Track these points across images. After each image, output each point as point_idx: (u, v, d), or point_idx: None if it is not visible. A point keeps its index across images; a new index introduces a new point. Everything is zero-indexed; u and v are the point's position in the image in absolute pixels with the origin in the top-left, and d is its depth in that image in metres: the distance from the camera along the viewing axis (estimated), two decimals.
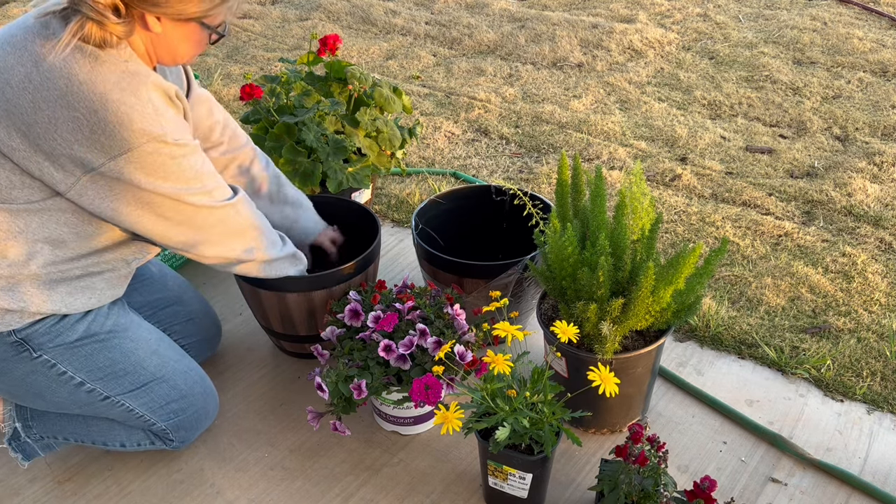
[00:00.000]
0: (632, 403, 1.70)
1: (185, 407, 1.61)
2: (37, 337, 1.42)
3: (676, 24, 4.09)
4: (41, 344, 1.43)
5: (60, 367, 1.46)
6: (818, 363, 1.92)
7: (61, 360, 1.46)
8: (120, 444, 1.65)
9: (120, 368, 1.52)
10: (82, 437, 1.64)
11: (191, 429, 1.65)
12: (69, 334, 1.45)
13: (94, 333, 1.48)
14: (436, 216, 2.06)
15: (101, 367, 1.50)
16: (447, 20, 4.24)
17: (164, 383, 1.57)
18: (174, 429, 1.61)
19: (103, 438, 1.64)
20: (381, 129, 2.19)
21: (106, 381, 1.51)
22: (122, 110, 1.24)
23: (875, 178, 2.70)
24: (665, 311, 1.53)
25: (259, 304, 1.83)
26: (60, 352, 1.45)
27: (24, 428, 1.62)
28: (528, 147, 3.02)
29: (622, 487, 1.40)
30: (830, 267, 2.28)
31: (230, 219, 1.47)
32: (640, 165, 1.63)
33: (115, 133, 1.25)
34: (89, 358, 1.48)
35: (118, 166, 1.27)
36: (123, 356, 1.52)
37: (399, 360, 1.56)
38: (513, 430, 1.36)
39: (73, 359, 1.47)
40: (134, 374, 1.53)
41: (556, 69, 3.67)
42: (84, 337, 1.47)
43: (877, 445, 1.71)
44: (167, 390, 1.58)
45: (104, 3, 1.23)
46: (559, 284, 1.57)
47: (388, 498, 1.62)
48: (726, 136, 3.03)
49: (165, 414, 1.59)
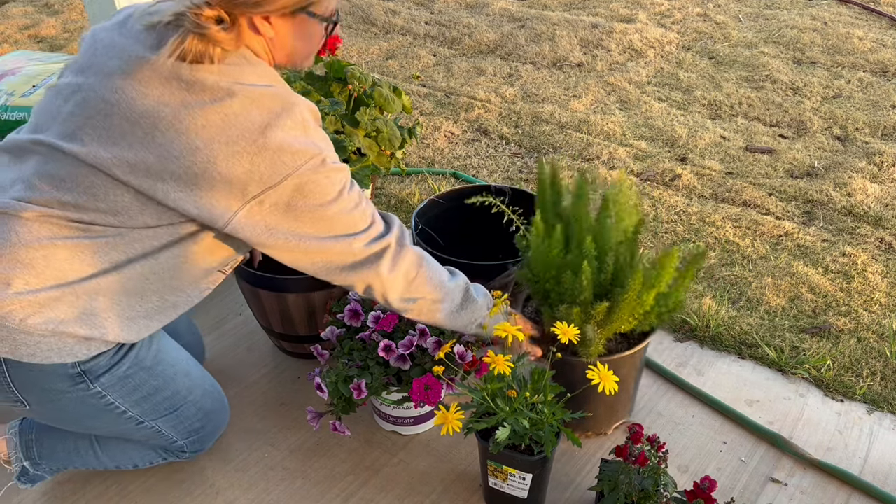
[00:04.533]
0: (617, 406, 1.70)
1: (205, 424, 1.59)
2: (97, 369, 1.37)
3: (676, 24, 4.08)
4: (99, 376, 1.38)
5: (110, 398, 1.41)
6: (818, 363, 1.92)
7: (111, 392, 1.41)
8: (133, 465, 1.63)
9: (161, 396, 1.48)
10: (93, 465, 1.62)
11: (206, 442, 1.63)
12: (123, 364, 1.40)
13: (141, 360, 1.44)
14: (436, 216, 2.06)
15: (145, 396, 1.46)
16: (447, 20, 4.24)
17: (192, 405, 1.54)
18: (191, 444, 1.59)
19: (115, 463, 1.62)
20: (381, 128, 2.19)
21: (144, 407, 1.47)
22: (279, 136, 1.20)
23: (875, 178, 2.70)
24: (649, 314, 1.53)
25: (259, 304, 1.83)
26: (113, 383, 1.40)
27: (33, 465, 1.59)
28: (528, 147, 3.02)
29: (622, 487, 1.40)
30: (830, 267, 2.28)
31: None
32: (623, 170, 1.62)
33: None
34: (137, 388, 1.44)
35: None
36: (165, 383, 1.48)
37: (399, 361, 1.56)
38: (513, 431, 1.36)
39: (124, 390, 1.42)
40: (171, 398, 1.50)
41: (556, 69, 3.67)
42: (134, 366, 1.42)
43: (877, 445, 1.71)
44: (194, 411, 1.55)
45: (207, 14, 1.18)
46: (542, 287, 1.56)
47: (388, 498, 1.62)
48: (726, 136, 3.03)
49: (187, 432, 1.57)
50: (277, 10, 1.22)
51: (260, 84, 1.23)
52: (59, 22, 4.49)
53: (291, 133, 1.21)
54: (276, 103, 1.22)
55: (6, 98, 2.24)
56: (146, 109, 1.20)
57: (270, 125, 1.20)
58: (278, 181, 1.20)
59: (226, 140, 1.18)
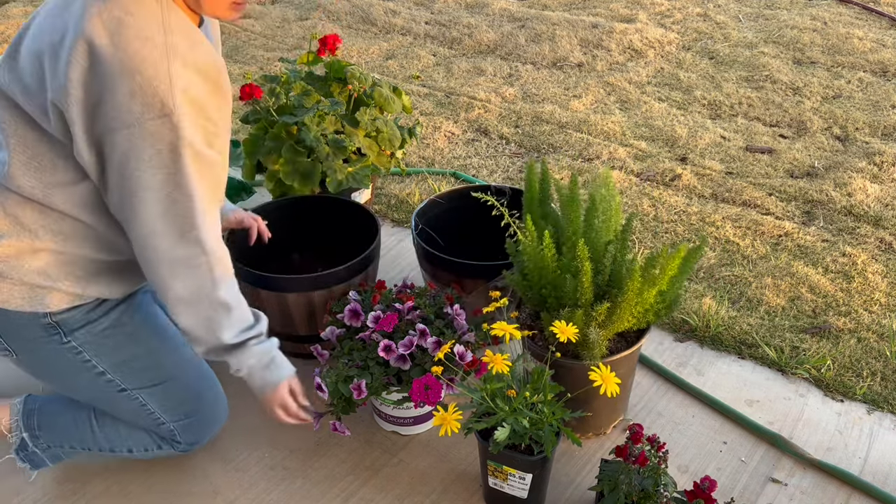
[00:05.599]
0: (616, 406, 1.70)
1: (196, 409, 1.60)
2: (71, 322, 1.41)
3: (676, 24, 4.08)
4: (72, 329, 1.42)
5: (86, 354, 1.45)
6: (818, 363, 1.92)
7: (87, 348, 1.45)
8: (127, 449, 1.63)
9: (141, 363, 1.51)
10: (89, 444, 1.62)
11: (199, 433, 1.63)
12: (101, 321, 1.44)
13: (123, 324, 1.47)
14: (436, 216, 2.06)
15: (124, 359, 1.49)
16: (447, 20, 4.24)
17: (179, 383, 1.56)
18: (182, 430, 1.60)
19: (110, 444, 1.62)
20: (381, 128, 2.19)
21: (125, 373, 1.50)
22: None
23: (875, 178, 2.70)
24: (647, 312, 1.53)
25: (259, 303, 1.83)
26: (89, 339, 1.44)
27: (32, 437, 1.60)
28: (528, 147, 3.02)
29: (622, 487, 1.40)
30: (830, 267, 2.28)
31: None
32: (608, 169, 1.62)
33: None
34: (115, 350, 1.47)
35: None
36: (147, 352, 1.51)
37: (399, 361, 1.56)
38: (513, 431, 1.36)
39: (100, 348, 1.46)
40: (154, 370, 1.53)
41: (556, 69, 3.67)
42: (114, 325, 1.46)
43: (877, 445, 1.71)
44: (182, 390, 1.57)
45: None
46: (538, 293, 1.56)
47: (388, 498, 1.62)
48: (726, 136, 3.03)
49: (177, 414, 1.58)
50: None
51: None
52: None
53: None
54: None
55: None
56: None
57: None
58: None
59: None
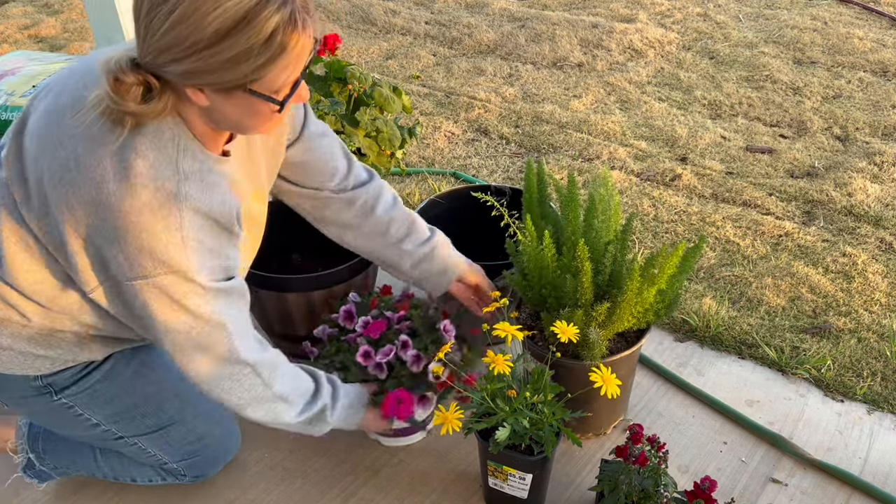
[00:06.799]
0: (616, 406, 1.70)
1: (200, 448, 1.56)
2: (61, 381, 1.37)
3: (676, 24, 4.08)
4: (63, 388, 1.37)
5: (78, 409, 1.41)
6: (818, 363, 1.92)
7: (79, 403, 1.40)
8: (131, 479, 1.61)
9: (139, 412, 1.46)
10: (93, 472, 1.61)
11: (206, 467, 1.61)
12: (94, 375, 1.39)
13: (118, 373, 1.41)
14: (436, 216, 2.05)
15: (118, 410, 1.44)
16: (447, 20, 4.24)
17: (181, 426, 1.51)
18: (187, 467, 1.57)
19: (114, 473, 1.60)
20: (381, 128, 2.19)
21: (121, 423, 1.45)
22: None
23: (875, 178, 2.70)
24: (647, 312, 1.53)
25: (259, 303, 1.83)
26: (79, 394, 1.39)
27: (38, 459, 1.59)
28: (528, 147, 3.02)
29: (622, 488, 1.40)
30: (831, 267, 2.28)
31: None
32: (607, 169, 1.62)
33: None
34: (108, 402, 1.42)
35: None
36: (144, 400, 1.45)
37: (376, 369, 1.52)
38: (513, 431, 1.36)
39: (92, 402, 1.41)
40: (153, 416, 1.47)
41: (556, 69, 3.67)
42: (106, 378, 1.40)
43: (877, 445, 1.71)
44: (184, 433, 1.52)
45: (130, 81, 1.06)
46: (538, 293, 1.56)
47: (387, 498, 1.62)
48: (726, 136, 3.03)
49: (179, 455, 1.54)
50: (208, 84, 1.07)
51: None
52: (59, 22, 4.49)
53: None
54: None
55: (6, 98, 2.24)
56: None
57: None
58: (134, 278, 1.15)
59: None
